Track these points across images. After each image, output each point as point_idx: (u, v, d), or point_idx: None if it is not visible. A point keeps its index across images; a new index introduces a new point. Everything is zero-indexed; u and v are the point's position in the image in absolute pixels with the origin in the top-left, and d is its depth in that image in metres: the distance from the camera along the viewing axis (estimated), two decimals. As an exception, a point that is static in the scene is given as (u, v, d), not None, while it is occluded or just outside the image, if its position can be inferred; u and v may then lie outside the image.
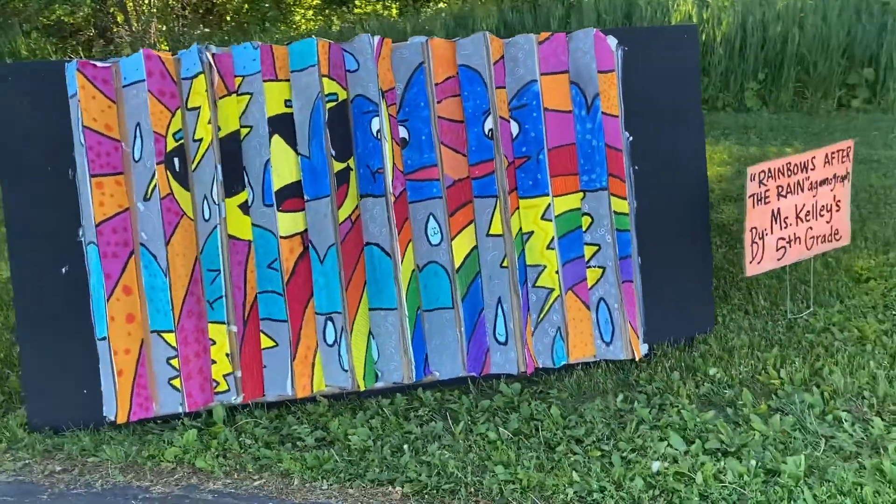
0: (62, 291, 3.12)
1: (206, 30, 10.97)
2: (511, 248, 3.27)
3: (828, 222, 3.80)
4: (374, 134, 3.16)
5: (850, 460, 2.74)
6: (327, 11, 12.32)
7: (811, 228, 3.74)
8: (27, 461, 2.94)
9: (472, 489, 2.67)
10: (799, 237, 3.71)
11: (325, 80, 3.10)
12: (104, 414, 3.11)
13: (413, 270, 3.26)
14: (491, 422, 3.05)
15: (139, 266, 3.10)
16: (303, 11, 12.70)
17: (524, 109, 3.30)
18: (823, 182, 3.73)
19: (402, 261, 3.19)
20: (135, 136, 3.08)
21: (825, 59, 9.44)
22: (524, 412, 3.09)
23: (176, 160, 3.11)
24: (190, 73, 3.10)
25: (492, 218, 3.28)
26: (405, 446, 2.90)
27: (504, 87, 3.29)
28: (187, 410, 3.12)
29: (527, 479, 2.68)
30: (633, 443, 2.87)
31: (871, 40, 9.38)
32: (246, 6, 11.84)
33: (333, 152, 3.15)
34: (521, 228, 3.31)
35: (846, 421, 2.93)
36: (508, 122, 3.30)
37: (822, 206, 3.76)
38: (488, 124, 3.24)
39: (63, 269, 3.11)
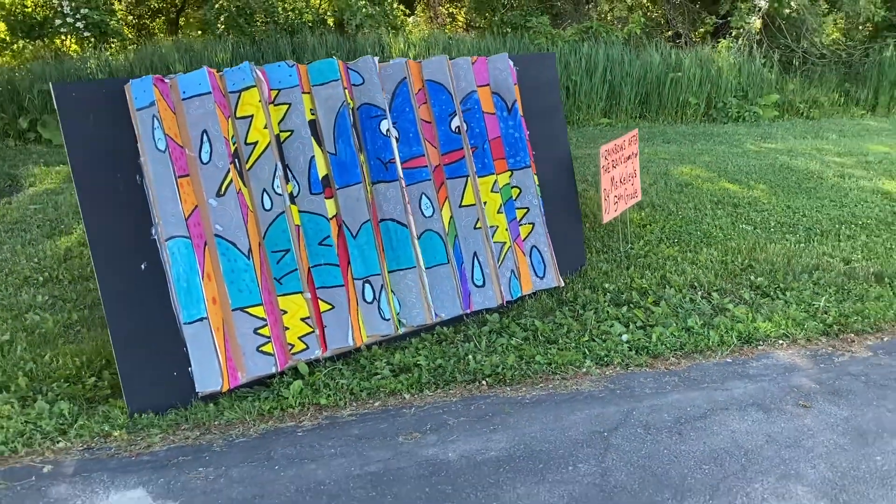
0: (143, 286, 3.42)
1: None
2: (482, 213, 4.38)
3: (632, 185, 5.58)
4: (384, 133, 4.03)
5: (715, 317, 4.42)
6: (21, 44, 11.49)
7: (626, 189, 5.48)
8: (160, 434, 3.23)
9: (531, 372, 3.76)
10: (622, 195, 5.42)
11: (345, 91, 3.90)
12: (197, 390, 3.48)
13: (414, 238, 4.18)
14: (502, 336, 4.14)
15: (215, 255, 3.55)
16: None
17: (469, 112, 4.43)
18: (629, 157, 5.49)
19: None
20: (202, 142, 3.52)
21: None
22: (516, 328, 4.23)
23: (236, 161, 3.63)
24: (237, 87, 3.65)
25: (463, 193, 4.35)
26: (468, 356, 3.85)
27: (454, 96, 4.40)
28: (279, 370, 3.64)
29: (560, 359, 3.85)
30: (598, 330, 4.21)
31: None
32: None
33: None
34: (479, 199, 4.44)
35: (699, 300, 4.64)
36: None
37: (629, 173, 5.52)
38: (455, 122, 4.32)
39: (142, 266, 3.42)
